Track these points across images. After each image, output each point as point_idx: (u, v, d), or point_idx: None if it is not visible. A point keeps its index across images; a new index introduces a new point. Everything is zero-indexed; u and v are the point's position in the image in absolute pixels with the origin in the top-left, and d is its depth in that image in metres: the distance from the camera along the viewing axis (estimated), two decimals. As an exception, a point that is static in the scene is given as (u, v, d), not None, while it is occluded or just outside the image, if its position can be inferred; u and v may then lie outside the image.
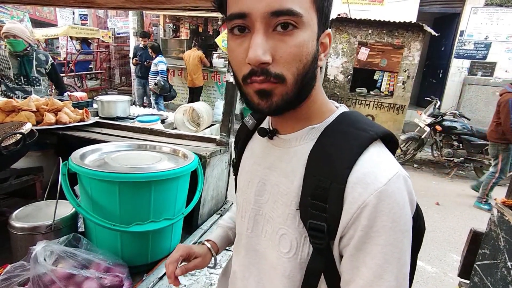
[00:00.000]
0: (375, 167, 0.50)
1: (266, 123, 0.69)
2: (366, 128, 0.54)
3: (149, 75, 6.17)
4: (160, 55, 6.03)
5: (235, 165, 0.77)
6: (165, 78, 6.04)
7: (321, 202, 0.51)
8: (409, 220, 0.51)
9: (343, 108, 0.61)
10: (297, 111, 0.56)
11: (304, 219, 0.54)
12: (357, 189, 0.49)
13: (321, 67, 0.57)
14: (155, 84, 5.97)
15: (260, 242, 0.64)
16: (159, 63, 5.91)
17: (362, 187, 0.48)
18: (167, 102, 6.49)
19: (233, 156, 0.81)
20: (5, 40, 2.81)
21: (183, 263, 0.74)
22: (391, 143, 0.57)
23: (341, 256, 0.53)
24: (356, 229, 0.49)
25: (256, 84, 0.50)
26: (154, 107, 6.03)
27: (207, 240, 0.82)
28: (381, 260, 0.48)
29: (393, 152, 0.57)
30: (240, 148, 0.74)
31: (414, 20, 6.43)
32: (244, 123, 0.75)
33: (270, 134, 0.62)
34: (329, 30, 0.54)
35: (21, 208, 1.11)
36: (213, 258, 0.80)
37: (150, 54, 6.25)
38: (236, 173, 0.76)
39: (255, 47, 0.47)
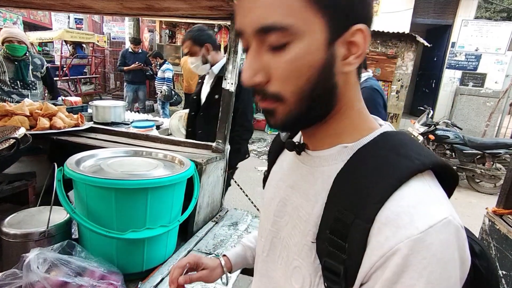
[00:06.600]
0: (413, 207, 0.39)
1: (298, 136, 0.61)
2: (411, 155, 0.42)
3: (156, 81, 6.31)
4: (167, 62, 6.20)
5: (265, 177, 0.71)
6: (170, 86, 6.20)
7: (340, 240, 0.42)
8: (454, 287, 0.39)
9: (386, 127, 0.49)
10: (324, 125, 0.49)
11: (320, 255, 0.46)
12: (384, 231, 0.39)
13: (360, 74, 0.49)
14: (160, 92, 6.08)
15: (276, 269, 0.57)
16: (167, 71, 6.07)
17: (391, 230, 0.38)
18: (172, 107, 6.61)
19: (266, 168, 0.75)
20: (8, 44, 2.78)
21: (190, 273, 0.72)
22: (447, 177, 0.45)
23: None
24: (377, 281, 0.39)
25: (260, 103, 0.47)
26: (159, 113, 6.20)
27: (223, 256, 0.78)
28: None
29: (451, 191, 0.46)
30: (271, 160, 0.68)
31: (407, 30, 6.57)
32: (279, 133, 0.69)
33: (297, 148, 0.54)
34: (359, 26, 0.42)
35: (13, 215, 1.09)
36: (224, 275, 0.76)
37: (152, 61, 6.44)
38: (264, 187, 0.70)
39: (245, 69, 0.45)
